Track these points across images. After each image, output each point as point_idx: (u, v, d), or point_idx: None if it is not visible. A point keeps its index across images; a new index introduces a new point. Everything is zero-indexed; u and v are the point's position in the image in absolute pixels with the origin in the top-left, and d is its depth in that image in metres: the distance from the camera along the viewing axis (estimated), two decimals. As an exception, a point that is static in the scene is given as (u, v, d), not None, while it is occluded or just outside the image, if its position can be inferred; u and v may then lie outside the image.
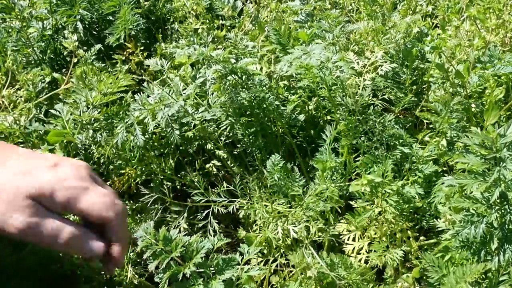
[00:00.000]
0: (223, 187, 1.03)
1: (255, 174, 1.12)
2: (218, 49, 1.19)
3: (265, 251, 1.01)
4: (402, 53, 1.21)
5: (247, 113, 1.16)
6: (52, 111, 1.17)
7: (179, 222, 1.04)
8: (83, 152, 1.22)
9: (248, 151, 1.17)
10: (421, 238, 1.01)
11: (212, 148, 1.20)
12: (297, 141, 1.19)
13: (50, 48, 1.40)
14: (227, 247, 1.17)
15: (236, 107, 1.11)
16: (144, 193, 1.02)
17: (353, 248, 0.95)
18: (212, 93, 1.13)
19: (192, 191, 1.02)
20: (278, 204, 0.99)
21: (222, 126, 1.14)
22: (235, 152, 1.22)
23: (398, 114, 1.18)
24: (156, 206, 1.14)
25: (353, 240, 0.96)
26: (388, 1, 1.34)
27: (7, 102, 1.23)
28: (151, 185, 1.24)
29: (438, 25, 1.41)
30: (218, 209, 1.02)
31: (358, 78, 1.04)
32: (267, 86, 1.15)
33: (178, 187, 1.24)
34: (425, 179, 1.02)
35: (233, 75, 1.09)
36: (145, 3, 1.43)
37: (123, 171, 1.19)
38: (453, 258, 0.89)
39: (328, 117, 1.18)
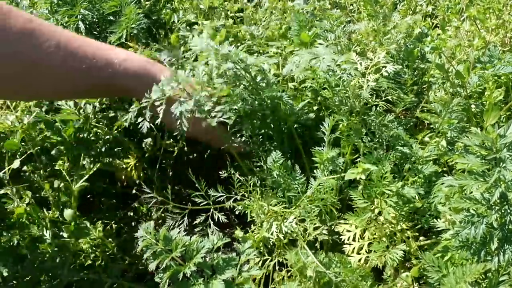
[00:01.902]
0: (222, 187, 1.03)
1: (258, 174, 1.12)
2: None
3: (262, 250, 1.02)
4: (403, 54, 1.21)
5: (256, 114, 1.15)
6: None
7: (179, 225, 1.04)
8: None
9: (254, 151, 1.17)
10: (421, 238, 1.01)
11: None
12: (302, 141, 1.18)
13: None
14: (225, 246, 1.17)
15: (247, 109, 1.11)
16: (145, 191, 1.01)
17: (353, 248, 0.95)
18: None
19: (192, 192, 1.02)
20: (276, 204, 0.99)
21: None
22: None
23: (399, 115, 1.18)
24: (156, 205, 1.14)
25: (353, 240, 0.96)
26: (388, 1, 1.34)
27: (9, 101, 1.23)
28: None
29: (438, 25, 1.41)
30: (217, 209, 1.01)
31: (362, 79, 1.04)
32: (278, 86, 1.15)
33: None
34: (425, 179, 1.02)
35: (246, 74, 1.07)
36: (146, 2, 1.44)
37: (125, 165, 1.20)
38: (453, 258, 0.89)
39: (332, 118, 1.17)
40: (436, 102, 1.06)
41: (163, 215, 1.14)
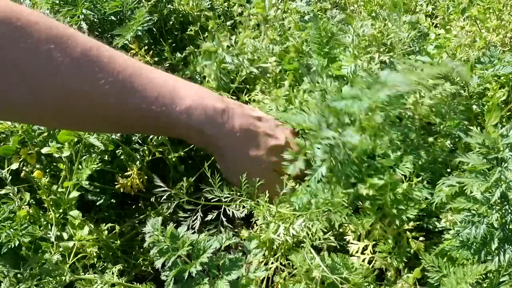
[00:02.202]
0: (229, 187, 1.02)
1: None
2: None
3: (266, 252, 1.02)
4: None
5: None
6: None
7: (193, 221, 1.03)
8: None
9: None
10: (421, 238, 1.02)
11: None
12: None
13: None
14: (233, 247, 1.16)
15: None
16: (158, 185, 0.98)
17: (358, 249, 0.96)
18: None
19: (204, 187, 1.00)
20: (281, 206, 0.99)
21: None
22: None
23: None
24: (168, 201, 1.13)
25: (358, 240, 0.97)
26: (388, 1, 1.34)
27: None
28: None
29: (438, 25, 1.41)
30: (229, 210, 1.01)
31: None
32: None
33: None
34: (432, 179, 1.02)
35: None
36: (148, 3, 1.43)
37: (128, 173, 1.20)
38: (453, 258, 0.90)
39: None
40: (439, 102, 1.06)
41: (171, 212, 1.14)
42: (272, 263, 0.99)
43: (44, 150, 1.16)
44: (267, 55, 1.24)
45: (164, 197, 0.98)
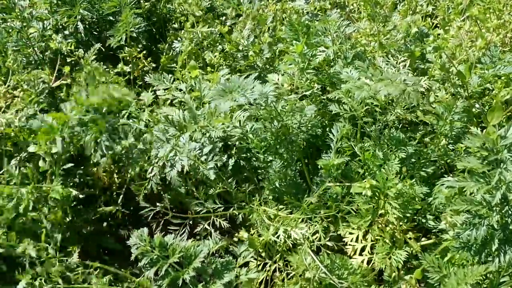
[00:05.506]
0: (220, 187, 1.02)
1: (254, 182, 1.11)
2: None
3: (263, 254, 1.01)
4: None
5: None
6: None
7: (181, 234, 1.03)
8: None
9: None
10: (422, 239, 1.01)
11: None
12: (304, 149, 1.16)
13: (50, 48, 1.39)
14: (222, 252, 1.17)
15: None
16: (144, 206, 1.00)
17: (355, 250, 0.95)
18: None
19: (193, 201, 1.01)
20: (279, 209, 0.99)
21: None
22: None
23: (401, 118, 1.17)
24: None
25: (356, 241, 0.96)
26: (388, 1, 1.34)
27: (3, 101, 1.22)
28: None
29: (438, 25, 1.41)
30: (218, 216, 1.01)
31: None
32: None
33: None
34: (425, 179, 1.02)
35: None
36: (146, 3, 1.43)
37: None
38: (453, 259, 0.89)
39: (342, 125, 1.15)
40: (438, 104, 1.06)
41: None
42: (270, 265, 0.99)
43: None
44: None
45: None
